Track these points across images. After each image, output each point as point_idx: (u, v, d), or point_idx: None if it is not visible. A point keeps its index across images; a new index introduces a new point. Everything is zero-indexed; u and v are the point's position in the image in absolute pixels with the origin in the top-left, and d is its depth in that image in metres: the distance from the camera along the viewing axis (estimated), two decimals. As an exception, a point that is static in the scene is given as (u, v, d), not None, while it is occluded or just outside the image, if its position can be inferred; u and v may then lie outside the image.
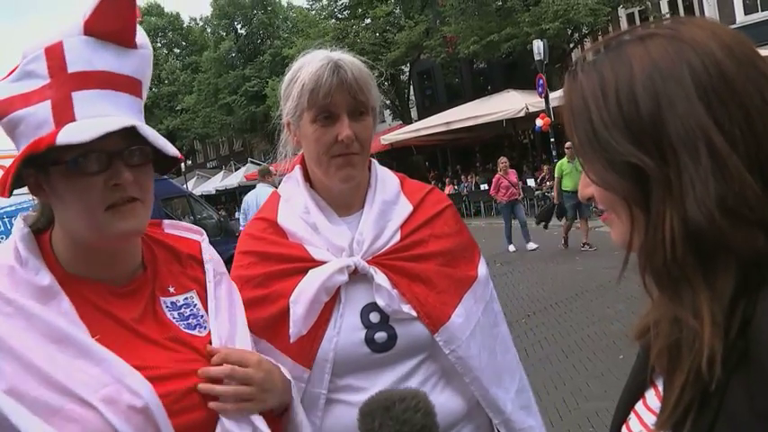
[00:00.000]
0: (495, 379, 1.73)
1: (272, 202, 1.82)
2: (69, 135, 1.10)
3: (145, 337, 1.20)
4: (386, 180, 1.80)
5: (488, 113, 21.92)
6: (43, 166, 1.15)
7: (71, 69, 1.16)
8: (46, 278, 1.15)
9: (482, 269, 1.82)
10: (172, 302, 1.30)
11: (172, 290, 1.31)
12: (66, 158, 1.13)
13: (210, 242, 1.53)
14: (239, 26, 42.57)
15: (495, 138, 28.25)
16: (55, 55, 1.16)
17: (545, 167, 21.07)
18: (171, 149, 1.23)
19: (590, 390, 5.67)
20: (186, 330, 1.28)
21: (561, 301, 9.09)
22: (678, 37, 0.86)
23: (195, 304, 1.33)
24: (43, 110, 1.14)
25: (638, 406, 0.99)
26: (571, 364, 6.42)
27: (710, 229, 0.79)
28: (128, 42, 1.21)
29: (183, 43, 49.55)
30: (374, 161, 1.81)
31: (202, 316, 1.32)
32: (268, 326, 1.63)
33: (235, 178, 36.66)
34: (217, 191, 38.24)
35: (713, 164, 0.79)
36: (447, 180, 27.14)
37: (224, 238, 12.74)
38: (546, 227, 13.39)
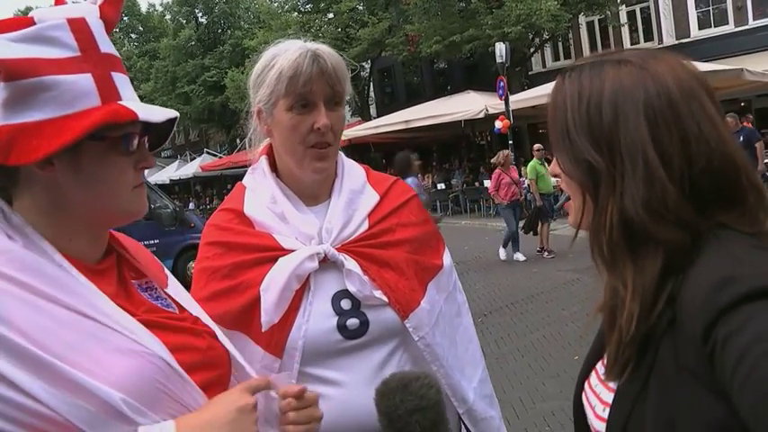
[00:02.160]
0: (458, 368, 1.77)
1: (237, 193, 1.80)
2: (148, 113, 1.14)
3: (125, 310, 1.18)
4: (352, 171, 1.82)
5: (448, 113, 21.98)
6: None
7: (103, 49, 1.17)
8: (57, 257, 1.13)
9: (446, 259, 1.87)
10: (138, 284, 1.29)
11: (133, 274, 1.31)
12: (116, 135, 1.15)
13: (166, 232, 1.53)
14: (200, 14, 41.94)
15: (453, 138, 28.40)
16: (82, 30, 1.15)
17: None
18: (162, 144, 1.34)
19: (546, 389, 5.73)
20: (163, 308, 1.29)
21: (517, 302, 9.18)
22: (644, 67, 1.07)
23: (156, 288, 1.33)
24: (85, 82, 1.12)
25: (598, 365, 1.21)
26: (527, 363, 6.49)
27: (637, 222, 1.01)
28: (108, 33, 1.23)
29: (141, 28, 48.64)
30: (340, 152, 1.82)
31: (166, 298, 1.32)
32: (239, 316, 1.62)
33: (190, 168, 36.11)
34: (171, 180, 37.57)
35: (645, 172, 1.01)
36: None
37: (179, 228, 12.56)
38: (535, 233, 12.53)
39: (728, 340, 0.87)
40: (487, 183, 20.99)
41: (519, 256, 12.45)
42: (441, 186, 24.13)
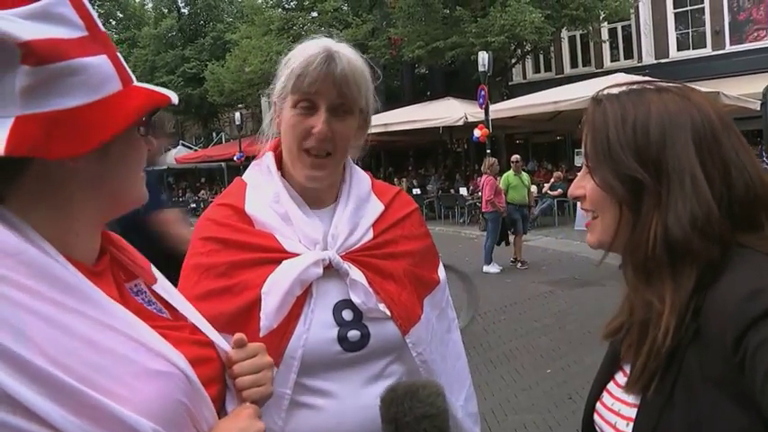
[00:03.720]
0: (447, 385, 1.69)
1: (236, 188, 1.72)
2: (172, 96, 1.10)
3: None
4: (359, 177, 1.77)
5: (427, 119, 22.03)
6: None
7: (101, 29, 1.08)
8: (60, 259, 1.02)
9: (442, 274, 1.82)
10: (129, 288, 1.19)
11: (123, 276, 1.20)
12: (146, 120, 1.10)
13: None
14: (182, 5, 41.56)
15: (430, 144, 28.49)
16: (80, 6, 1.04)
17: (480, 179, 21.29)
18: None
19: (518, 402, 5.72)
20: (156, 313, 1.19)
21: (489, 312, 9.13)
22: (687, 97, 1.16)
23: (145, 291, 1.22)
24: (105, 64, 1.04)
25: (610, 385, 1.26)
26: (499, 375, 6.46)
27: (682, 237, 1.07)
28: None
29: (120, 15, 48.00)
30: (348, 157, 1.76)
31: (156, 302, 1.22)
32: (234, 319, 1.51)
33: (165, 160, 35.74)
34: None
35: (692, 192, 1.09)
36: (380, 181, 27.12)
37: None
38: (507, 243, 12.53)
39: (760, 348, 0.92)
40: (463, 190, 21.12)
41: (493, 268, 12.36)
42: (416, 192, 24.14)
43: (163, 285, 1.25)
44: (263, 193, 1.67)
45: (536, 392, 5.84)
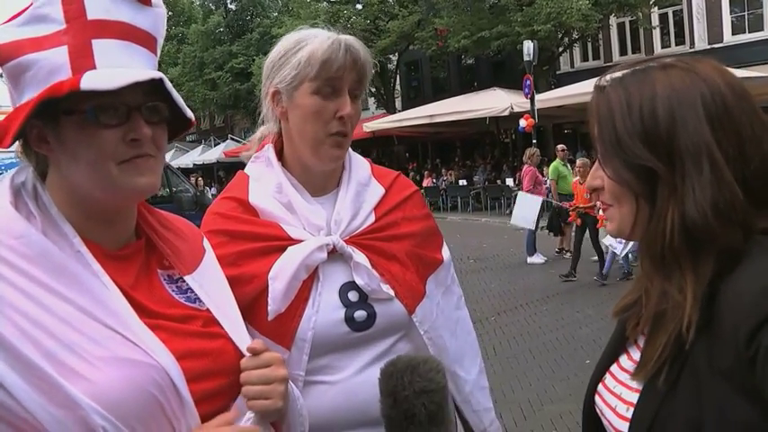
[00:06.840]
0: (458, 360, 1.80)
1: (239, 181, 1.78)
2: (95, 81, 1.05)
3: (138, 303, 1.13)
4: (358, 163, 1.82)
5: (473, 110, 21.90)
6: (53, 116, 1.08)
7: (90, 16, 1.10)
8: (76, 241, 1.11)
9: (446, 253, 1.87)
10: (168, 275, 1.25)
11: (167, 263, 1.26)
12: (85, 108, 1.08)
13: (185, 215, 1.49)
14: (229, 1, 42.10)
15: (477, 134, 28.29)
16: (72, 0, 1.10)
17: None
18: (188, 111, 1.21)
19: (555, 392, 5.70)
20: (187, 303, 1.24)
21: (532, 302, 9.14)
22: (694, 71, 1.08)
23: (185, 279, 1.28)
24: (59, 55, 1.08)
25: (613, 367, 1.23)
26: (538, 364, 6.46)
27: (703, 225, 1.01)
28: None
29: (170, 13, 48.85)
30: None
31: (193, 291, 1.27)
32: (244, 307, 1.53)
33: (213, 154, 36.28)
34: (194, 165, 37.78)
35: (712, 174, 1.01)
36: (426, 173, 27.15)
37: (199, 212, 12.64)
38: (558, 234, 12.44)
39: None
40: (510, 181, 20.94)
41: (537, 259, 12.26)
42: (462, 182, 24.03)
43: (198, 277, 1.29)
44: (266, 185, 1.72)
45: (574, 383, 5.77)
